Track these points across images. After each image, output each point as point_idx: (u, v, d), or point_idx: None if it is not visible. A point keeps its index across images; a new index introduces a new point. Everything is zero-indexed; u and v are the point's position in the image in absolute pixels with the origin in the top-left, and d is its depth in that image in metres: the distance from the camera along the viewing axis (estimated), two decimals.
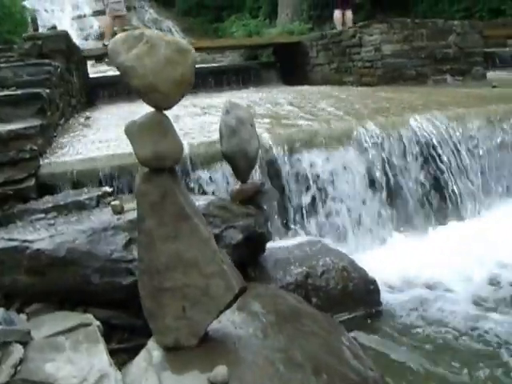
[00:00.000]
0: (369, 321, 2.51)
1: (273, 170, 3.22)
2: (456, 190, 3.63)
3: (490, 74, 6.91)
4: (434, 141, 3.64)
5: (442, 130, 3.69)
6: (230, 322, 1.85)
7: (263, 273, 2.57)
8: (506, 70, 7.77)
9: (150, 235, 1.57)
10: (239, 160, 2.41)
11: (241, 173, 2.47)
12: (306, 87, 6.97)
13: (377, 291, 2.62)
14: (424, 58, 6.25)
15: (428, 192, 3.57)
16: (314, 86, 6.96)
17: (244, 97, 6.30)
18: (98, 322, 1.86)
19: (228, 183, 2.99)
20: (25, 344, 1.61)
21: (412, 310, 2.62)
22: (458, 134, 3.69)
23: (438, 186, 3.60)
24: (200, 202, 2.41)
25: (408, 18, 6.79)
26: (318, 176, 3.31)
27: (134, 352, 1.86)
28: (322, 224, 3.26)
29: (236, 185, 2.58)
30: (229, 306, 1.71)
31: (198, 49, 10.22)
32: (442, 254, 3.06)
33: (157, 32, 1.39)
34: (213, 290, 1.64)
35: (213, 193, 3.03)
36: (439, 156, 3.63)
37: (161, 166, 1.49)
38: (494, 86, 5.43)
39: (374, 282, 2.61)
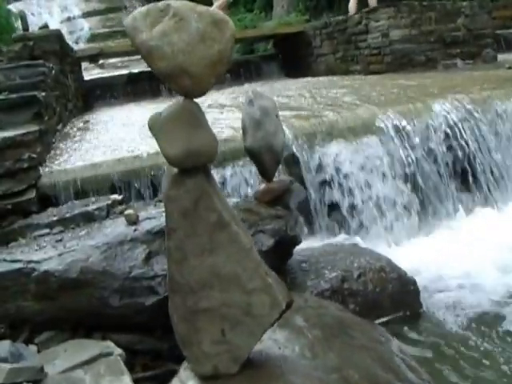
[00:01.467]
0: (409, 324, 2.31)
1: (295, 166, 2.99)
2: (485, 177, 3.42)
3: (502, 56, 6.65)
4: (461, 126, 3.41)
5: (466, 114, 3.46)
6: (272, 341, 1.62)
7: (295, 279, 2.35)
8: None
9: (182, 249, 1.32)
10: (265, 155, 2.15)
11: (267, 170, 2.22)
12: (310, 79, 6.71)
13: (417, 292, 2.42)
14: (433, 43, 5.99)
15: (454, 180, 3.35)
16: (319, 77, 6.70)
17: (247, 91, 6.04)
18: (120, 350, 1.62)
19: (248, 184, 2.75)
20: (38, 382, 1.36)
21: (452, 310, 2.43)
22: (487, 116, 3.46)
23: (466, 173, 3.37)
24: None
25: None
26: (342, 169, 3.08)
27: (161, 380, 1.63)
28: (350, 221, 3.04)
29: (262, 184, 2.33)
30: (273, 324, 1.47)
31: None
32: (473, 245, 2.88)
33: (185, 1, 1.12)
34: (256, 308, 1.40)
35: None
36: (467, 142, 3.40)
37: (194, 165, 1.24)
38: (510, 67, 5.18)
39: (413, 283, 2.40)
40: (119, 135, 3.67)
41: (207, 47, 1.12)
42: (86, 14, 15.71)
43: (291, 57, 7.95)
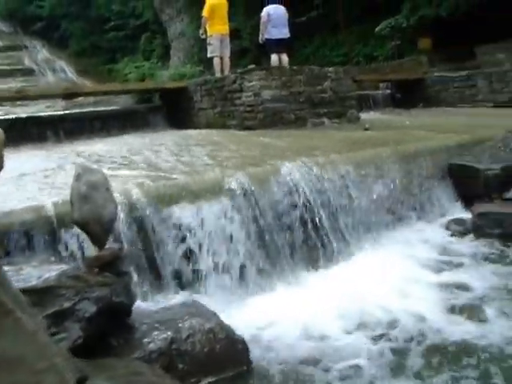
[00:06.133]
0: (237, 383, 2.42)
1: (142, 227, 3.13)
2: (329, 236, 3.72)
3: (365, 115, 7.33)
4: (306, 188, 3.73)
5: (312, 177, 3.80)
6: None
7: (127, 341, 2.44)
8: (379, 110, 8.29)
9: None
10: (94, 226, 2.30)
11: (97, 239, 2.36)
12: (190, 131, 6.98)
13: (245, 350, 2.56)
14: (302, 103, 6.49)
15: (302, 239, 3.62)
16: (198, 130, 6.98)
17: (127, 143, 6.19)
18: None
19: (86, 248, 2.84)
20: None
21: (284, 366, 2.54)
22: (327, 179, 3.81)
23: (311, 232, 3.66)
24: (51, 272, 2.27)
25: (294, 60, 7.01)
26: (189, 230, 3.25)
27: None
28: (196, 280, 3.19)
29: (93, 251, 2.45)
30: None
31: (85, 94, 10.03)
32: (315, 302, 3.07)
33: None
34: None
35: (82, 256, 2.87)
36: (311, 203, 3.71)
37: None
38: (366, 129, 5.74)
39: (242, 342, 2.56)
40: None
41: None
42: None
43: (175, 109, 8.22)
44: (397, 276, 3.34)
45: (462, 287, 3.16)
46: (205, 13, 8.82)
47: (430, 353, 2.49)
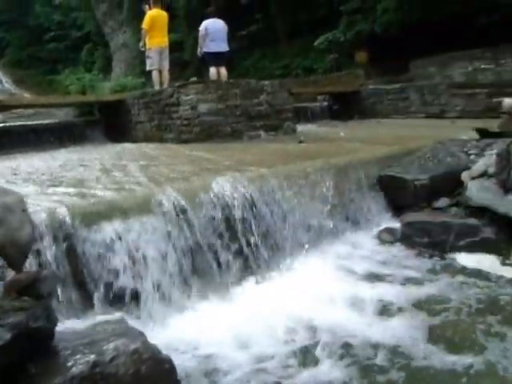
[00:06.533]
0: None
1: (69, 246, 3.05)
2: (260, 251, 3.73)
3: (302, 127, 7.46)
4: (236, 203, 3.74)
5: (242, 191, 3.82)
6: None
7: (48, 367, 2.36)
8: (316, 122, 8.45)
9: None
10: (9, 250, 2.22)
11: (13, 262, 2.28)
12: (128, 145, 6.90)
13: (172, 370, 2.53)
14: (238, 116, 6.54)
15: (232, 254, 3.62)
16: (135, 144, 6.91)
17: (61, 158, 6.05)
18: None
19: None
20: None
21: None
22: (257, 194, 3.84)
23: (242, 247, 3.67)
24: None
25: (234, 72, 7.06)
26: (117, 248, 3.19)
27: None
28: (124, 298, 3.14)
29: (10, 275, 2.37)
30: None
31: (24, 106, 9.73)
32: (242, 318, 3.08)
33: None
34: None
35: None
36: (242, 217, 3.73)
37: None
38: (301, 142, 5.84)
39: (168, 361, 2.53)
40: None
41: None
42: None
43: (114, 122, 8.11)
44: (325, 288, 3.40)
45: (384, 297, 3.24)
46: (145, 25, 8.77)
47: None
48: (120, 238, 3.21)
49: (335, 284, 3.52)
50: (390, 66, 13.22)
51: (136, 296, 3.19)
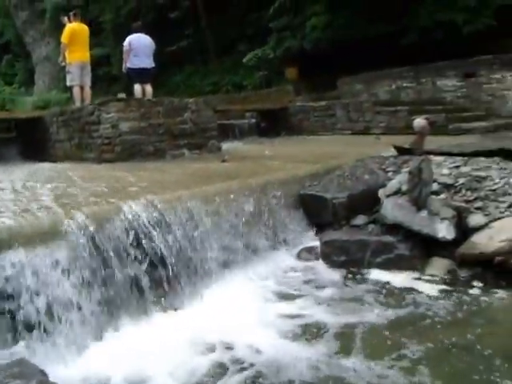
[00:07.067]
0: None
1: None
2: (177, 276, 3.62)
3: (229, 145, 7.43)
4: (151, 227, 3.63)
5: (156, 215, 3.71)
6: None
7: None
8: (243, 139, 8.46)
9: None
10: None
11: None
12: (45, 164, 6.62)
13: None
14: (162, 134, 6.44)
15: (147, 281, 3.49)
16: (54, 163, 6.64)
17: None
18: None
19: None
20: None
21: None
22: (172, 217, 3.75)
23: (156, 273, 3.55)
24: None
25: (164, 89, 6.95)
26: (21, 278, 3.00)
27: None
28: (26, 333, 2.95)
29: None
30: None
31: None
32: (158, 346, 2.98)
33: None
34: None
35: None
36: (156, 242, 3.61)
37: None
38: (224, 161, 5.81)
39: None
40: None
41: None
42: None
43: (31, 141, 7.78)
44: (241, 311, 3.36)
45: (301, 317, 3.26)
46: (64, 39, 8.50)
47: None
48: (23, 267, 3.02)
49: (252, 305, 3.49)
50: (320, 83, 13.53)
51: (40, 329, 3.01)
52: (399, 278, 3.85)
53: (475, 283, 3.64)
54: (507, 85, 10.45)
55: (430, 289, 3.63)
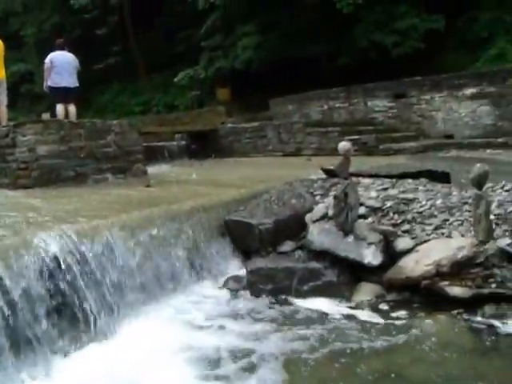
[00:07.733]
0: None
1: None
2: (93, 312, 3.38)
3: (156, 168, 7.21)
4: (64, 260, 3.37)
5: (71, 247, 3.46)
6: None
7: None
8: (172, 161, 8.26)
9: None
10: None
11: None
12: None
13: None
14: (83, 158, 6.14)
15: (57, 321, 3.22)
16: None
17: None
18: None
19: None
20: None
21: None
22: (87, 249, 3.51)
23: (68, 312, 3.29)
24: None
25: (90, 108, 6.65)
26: None
27: None
28: None
29: None
30: None
31: None
32: None
33: None
34: None
35: None
36: (70, 276, 3.36)
37: None
38: (148, 186, 5.60)
39: None
40: None
41: None
42: None
43: None
44: (159, 346, 3.18)
45: (218, 351, 3.12)
46: None
47: None
48: None
49: (171, 340, 3.30)
50: (252, 103, 13.57)
51: None
52: (326, 306, 3.79)
53: (402, 308, 3.62)
54: (436, 105, 10.83)
55: (356, 315, 3.59)
